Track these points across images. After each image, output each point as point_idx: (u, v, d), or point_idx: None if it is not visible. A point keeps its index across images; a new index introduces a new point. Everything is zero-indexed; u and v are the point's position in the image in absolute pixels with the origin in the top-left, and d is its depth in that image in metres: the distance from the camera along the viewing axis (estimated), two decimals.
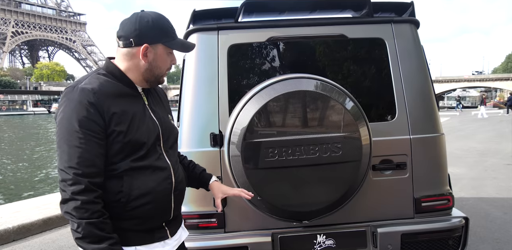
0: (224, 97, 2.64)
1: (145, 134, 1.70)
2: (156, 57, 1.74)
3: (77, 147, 1.53)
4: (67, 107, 1.58)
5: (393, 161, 2.71)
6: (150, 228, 1.72)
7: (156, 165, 1.72)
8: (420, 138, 2.73)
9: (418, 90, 2.79)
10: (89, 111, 1.56)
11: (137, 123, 1.69)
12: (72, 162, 1.52)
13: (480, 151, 10.94)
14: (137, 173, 1.66)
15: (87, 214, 1.49)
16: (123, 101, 1.68)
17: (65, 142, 1.54)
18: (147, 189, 1.66)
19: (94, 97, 1.58)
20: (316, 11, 3.04)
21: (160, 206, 1.73)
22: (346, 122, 2.37)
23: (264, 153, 2.30)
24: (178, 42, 1.77)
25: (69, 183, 1.51)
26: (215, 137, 2.59)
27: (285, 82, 2.39)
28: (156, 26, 1.70)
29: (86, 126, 1.55)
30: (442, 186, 2.78)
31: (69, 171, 1.51)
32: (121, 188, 1.62)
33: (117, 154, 1.63)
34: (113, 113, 1.61)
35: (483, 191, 6.41)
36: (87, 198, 1.50)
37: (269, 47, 2.80)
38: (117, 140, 1.62)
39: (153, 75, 1.77)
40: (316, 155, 2.33)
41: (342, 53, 2.86)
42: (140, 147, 1.68)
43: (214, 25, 2.76)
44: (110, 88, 1.66)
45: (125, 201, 1.62)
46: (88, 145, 1.54)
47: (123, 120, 1.64)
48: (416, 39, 2.87)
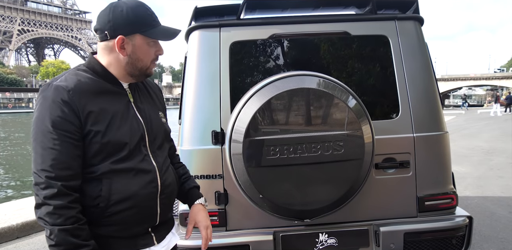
0: (226, 95, 2.63)
1: (127, 133, 1.59)
2: (135, 49, 1.62)
3: (51, 148, 1.44)
4: (41, 107, 1.49)
5: (396, 160, 2.68)
6: (133, 234, 1.60)
7: (140, 167, 1.60)
8: (423, 136, 2.70)
9: (422, 88, 2.76)
10: (63, 111, 1.47)
11: (118, 122, 1.58)
12: (45, 164, 1.43)
13: (486, 150, 10.87)
14: (118, 175, 1.55)
15: (60, 220, 1.40)
16: (102, 99, 1.58)
17: (39, 143, 1.46)
18: (128, 193, 1.55)
19: (68, 96, 1.48)
20: (319, 8, 3.01)
21: (144, 211, 1.61)
22: (348, 120, 2.35)
23: (265, 151, 2.28)
24: (159, 30, 1.63)
25: (41, 187, 1.42)
26: (217, 135, 2.57)
27: (287, 80, 2.37)
28: (132, 15, 1.58)
29: (60, 126, 1.46)
30: (446, 184, 2.75)
31: (42, 174, 1.43)
32: (99, 192, 1.51)
33: (96, 155, 1.53)
34: (89, 112, 1.51)
35: (488, 190, 6.36)
36: (60, 203, 1.41)
37: (271, 45, 2.78)
38: (94, 140, 1.52)
39: (136, 68, 1.65)
40: (318, 153, 2.31)
41: (345, 50, 2.83)
42: (121, 147, 1.56)
43: (216, 22, 2.74)
44: (88, 85, 1.56)
45: (103, 205, 1.51)
46: (63, 146, 1.45)
47: (101, 119, 1.54)
48: (420, 37, 2.83)
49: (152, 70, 1.73)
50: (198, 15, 2.83)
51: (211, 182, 2.58)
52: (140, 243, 1.63)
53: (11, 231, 4.68)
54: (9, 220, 4.82)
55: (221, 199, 2.56)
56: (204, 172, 2.58)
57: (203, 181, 2.58)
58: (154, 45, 1.67)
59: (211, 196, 2.57)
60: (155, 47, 1.67)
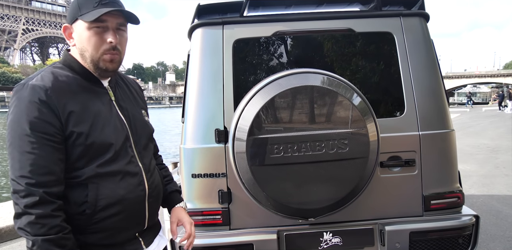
0: (229, 93, 2.60)
1: (111, 134, 1.50)
2: (78, 36, 1.48)
3: (29, 152, 1.33)
4: (16, 108, 1.38)
5: (401, 158, 2.64)
6: (120, 241, 1.52)
7: (127, 169, 1.52)
8: (429, 134, 2.66)
9: (428, 85, 2.72)
10: (42, 111, 1.36)
11: (101, 122, 1.48)
12: (24, 170, 1.32)
13: (491, 148, 10.80)
14: (104, 180, 1.46)
15: (43, 230, 1.30)
16: (83, 98, 1.48)
17: (16, 148, 1.35)
18: (116, 197, 1.46)
19: (46, 95, 1.38)
20: (323, 5, 2.97)
21: (132, 216, 1.53)
22: (353, 118, 2.31)
23: (269, 149, 2.26)
24: (94, 12, 1.44)
25: (21, 195, 1.31)
26: (220, 133, 2.55)
27: (291, 77, 2.34)
28: (78, 1, 1.47)
29: (39, 128, 1.35)
30: (452, 183, 2.71)
31: (21, 180, 1.32)
32: (85, 198, 1.42)
33: (80, 158, 1.43)
34: (70, 112, 1.41)
35: (494, 188, 6.31)
36: (43, 212, 1.31)
37: (275, 42, 2.75)
38: (77, 142, 1.42)
39: (87, 60, 1.50)
40: (323, 151, 2.28)
41: (349, 47, 2.79)
42: (106, 149, 1.47)
43: (219, 19, 2.71)
44: (66, 84, 1.45)
45: (90, 212, 1.42)
46: (42, 149, 1.35)
47: (83, 119, 1.44)
48: (426, 33, 2.79)
49: (109, 63, 1.51)
50: (201, 13, 2.80)
51: (215, 181, 2.56)
52: (128, 249, 1.55)
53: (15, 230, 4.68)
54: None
55: (224, 197, 2.54)
56: (207, 170, 2.56)
57: (207, 179, 2.56)
58: (102, 31, 1.48)
59: (214, 195, 2.55)
60: (103, 34, 1.48)
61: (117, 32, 1.51)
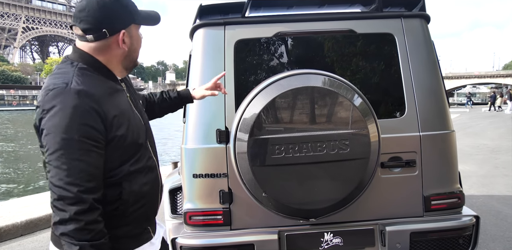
0: (230, 93, 2.61)
1: (139, 133, 1.58)
2: (133, 40, 1.58)
3: (78, 159, 1.34)
4: (61, 112, 1.35)
5: (402, 158, 2.65)
6: (140, 231, 1.63)
7: (148, 165, 1.62)
8: (430, 135, 2.67)
9: (428, 86, 2.73)
10: (90, 118, 1.38)
11: (132, 123, 1.55)
12: (73, 177, 1.33)
13: (491, 148, 10.81)
14: (134, 177, 1.54)
15: (89, 236, 1.34)
16: (115, 100, 1.51)
17: (64, 155, 1.34)
18: (142, 192, 1.57)
19: (93, 101, 1.40)
20: (324, 6, 2.98)
21: (151, 207, 1.67)
22: (354, 119, 2.32)
23: (270, 150, 2.26)
24: (145, 16, 1.61)
25: (70, 202, 1.32)
26: (221, 133, 2.56)
27: (293, 78, 2.35)
28: (122, 5, 1.52)
29: (88, 135, 1.36)
30: (452, 184, 2.72)
31: (70, 187, 1.32)
32: (119, 195, 1.49)
33: (116, 159, 1.49)
34: (113, 116, 1.45)
35: (494, 188, 6.33)
36: (91, 218, 1.34)
37: (276, 43, 2.76)
38: (118, 145, 1.47)
39: (132, 60, 1.62)
40: (324, 152, 2.29)
41: (350, 48, 2.80)
42: (138, 148, 1.56)
43: (221, 20, 2.72)
44: (102, 87, 1.48)
45: (123, 208, 1.51)
46: (90, 156, 1.37)
47: (122, 122, 1.49)
48: (427, 35, 2.80)
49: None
50: (202, 13, 2.81)
51: (216, 181, 2.57)
52: (144, 238, 1.65)
53: (15, 229, 4.70)
54: (13, 218, 4.84)
55: (225, 198, 2.55)
56: (208, 170, 2.57)
57: (208, 179, 2.57)
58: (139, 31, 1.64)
59: (215, 195, 2.56)
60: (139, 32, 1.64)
61: None
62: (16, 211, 5.19)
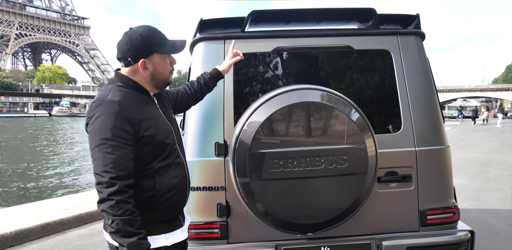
0: (229, 107, 2.63)
1: (167, 135, 1.96)
2: (155, 66, 1.95)
3: (110, 153, 1.72)
4: (100, 118, 1.77)
5: (398, 173, 2.68)
6: (172, 218, 1.99)
7: (177, 161, 1.98)
8: (425, 150, 2.71)
9: (424, 102, 2.77)
10: (120, 121, 1.76)
11: (160, 126, 1.94)
12: (107, 167, 1.70)
13: (482, 162, 10.92)
14: (165, 171, 1.91)
15: (120, 212, 1.68)
16: (144, 108, 1.91)
17: (100, 149, 1.73)
18: (172, 184, 1.92)
19: (122, 108, 1.79)
20: (322, 22, 3.03)
21: (182, 198, 2.01)
22: (352, 134, 2.35)
23: (269, 164, 2.28)
24: (169, 46, 1.96)
25: (105, 186, 1.69)
26: (220, 147, 2.57)
27: (292, 93, 2.38)
28: (145, 40, 1.90)
29: (119, 134, 1.75)
30: (447, 198, 2.75)
31: (105, 174, 1.70)
32: (154, 185, 1.86)
33: (148, 155, 1.86)
34: (141, 120, 1.83)
35: (487, 202, 6.38)
36: (121, 198, 1.69)
37: (275, 58, 2.79)
38: (147, 142, 1.84)
39: (160, 81, 2.00)
40: (322, 167, 2.31)
41: (348, 64, 2.85)
42: (166, 147, 1.93)
43: (221, 34, 2.75)
44: (132, 98, 1.88)
45: (157, 196, 1.87)
46: (121, 151, 1.74)
47: (150, 125, 1.86)
48: (422, 51, 2.86)
49: (171, 78, 2.07)
50: (203, 27, 2.84)
51: (213, 194, 2.57)
52: (176, 224, 2.00)
53: (5, 239, 4.63)
54: (2, 228, 4.77)
55: (223, 211, 2.55)
56: (206, 183, 2.57)
57: (205, 192, 2.57)
58: (168, 58, 2.01)
59: (213, 208, 2.56)
60: (169, 59, 2.02)
61: None
62: (6, 221, 5.12)
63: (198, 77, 2.55)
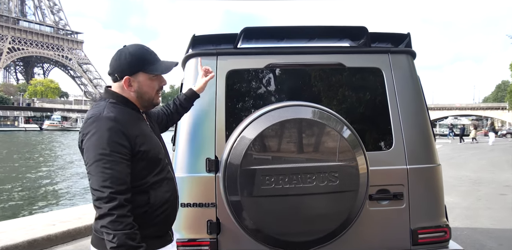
0: (221, 123, 2.62)
1: (159, 150, 1.98)
2: (140, 84, 1.96)
3: (110, 168, 1.72)
4: (96, 134, 1.77)
5: (390, 191, 2.67)
6: (164, 233, 1.98)
7: (168, 177, 1.99)
8: (417, 168, 2.71)
9: (415, 120, 2.79)
10: (117, 136, 1.77)
11: (153, 141, 1.96)
12: (106, 182, 1.70)
13: (473, 180, 10.94)
14: (158, 185, 1.91)
15: (121, 226, 1.67)
16: (138, 124, 1.93)
17: (98, 165, 1.73)
18: (165, 198, 1.93)
19: (119, 124, 1.80)
20: (314, 39, 3.06)
21: (173, 212, 2.02)
22: (343, 151, 2.35)
23: (260, 181, 2.27)
24: (158, 66, 1.96)
25: (105, 201, 1.68)
26: (211, 162, 2.55)
27: (283, 110, 2.38)
28: (134, 58, 1.92)
29: (116, 149, 1.75)
30: (439, 217, 2.74)
31: (105, 190, 1.69)
32: (148, 200, 1.86)
33: (143, 170, 1.87)
34: (136, 136, 1.84)
35: (478, 221, 6.36)
36: (121, 213, 1.68)
37: (267, 74, 2.81)
38: (142, 157, 1.85)
39: (145, 100, 2.00)
40: (313, 184, 2.30)
41: (339, 81, 2.86)
42: (158, 162, 1.95)
43: (213, 50, 2.77)
44: (126, 115, 1.90)
45: (150, 211, 1.86)
46: (119, 166, 1.74)
47: (144, 140, 1.88)
48: (413, 70, 2.89)
49: (159, 99, 2.06)
50: (195, 43, 2.85)
51: (203, 211, 2.54)
52: (167, 239, 2.01)
53: None
54: None
55: (213, 228, 2.51)
56: (196, 200, 2.54)
57: (195, 209, 2.54)
58: (157, 78, 2.00)
59: (203, 225, 2.52)
60: (158, 80, 2.01)
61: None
62: None
63: (174, 98, 2.56)
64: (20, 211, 11.26)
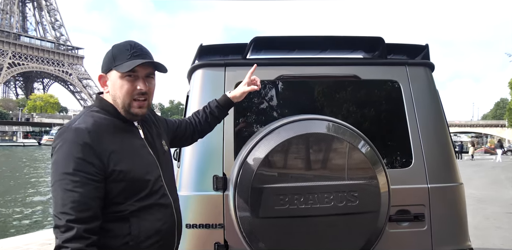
0: (229, 138, 2.46)
1: (148, 170, 1.66)
2: (111, 84, 1.66)
3: (71, 190, 1.44)
4: (61, 149, 1.50)
5: (410, 212, 2.49)
6: None
7: (161, 202, 1.67)
8: (438, 187, 2.53)
9: (435, 135, 2.62)
10: (84, 152, 1.49)
11: (138, 159, 1.63)
12: (66, 207, 1.43)
13: (478, 198, 10.72)
14: (144, 213, 1.60)
15: None
16: (120, 138, 1.63)
17: (59, 186, 1.46)
18: (154, 229, 1.62)
19: (89, 137, 1.52)
20: (326, 51, 2.92)
21: (166, 244, 1.71)
22: (362, 168, 2.17)
23: (274, 200, 2.08)
24: (129, 63, 1.61)
25: (61, 230, 1.42)
26: (219, 180, 2.37)
27: (297, 124, 2.21)
28: (113, 52, 1.66)
29: (82, 168, 1.47)
30: (462, 240, 2.54)
31: (62, 217, 1.42)
32: (128, 230, 1.56)
33: (120, 194, 1.56)
34: (111, 152, 1.54)
35: (488, 241, 6.14)
36: (78, 246, 1.40)
37: (278, 86, 2.66)
38: (118, 178, 1.55)
39: (119, 106, 1.67)
40: (331, 204, 2.11)
41: (354, 94, 2.71)
42: (145, 185, 1.62)
43: (222, 61, 2.62)
44: (105, 126, 1.61)
45: (134, 244, 1.56)
46: (84, 188, 1.46)
47: (123, 158, 1.58)
48: (432, 83, 2.74)
49: (138, 109, 1.68)
50: (202, 54, 2.71)
51: (210, 232, 2.34)
52: None
53: None
54: None
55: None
56: (202, 220, 2.35)
57: (201, 230, 2.34)
58: (133, 80, 1.65)
59: (209, 248, 2.33)
60: (134, 83, 1.65)
61: (146, 80, 1.68)
62: None
63: (205, 105, 2.26)
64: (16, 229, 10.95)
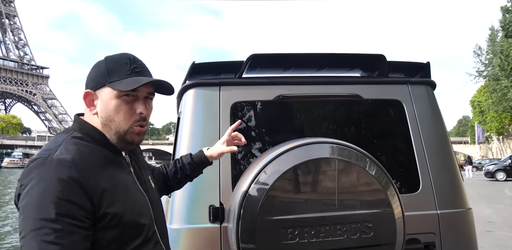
0: (226, 163, 2.24)
1: (142, 212, 1.33)
2: (103, 104, 1.33)
3: (53, 243, 1.09)
4: (37, 187, 1.13)
5: (420, 241, 2.31)
6: None
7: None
8: (448, 213, 2.37)
9: (441, 157, 2.49)
10: (71, 192, 1.15)
11: (131, 199, 1.30)
12: None
13: None
14: None
15: None
16: (110, 172, 1.30)
17: (35, 237, 1.09)
18: None
19: (77, 172, 1.18)
20: (323, 69, 2.77)
21: None
22: (375, 194, 1.99)
23: (282, 234, 1.86)
24: (130, 80, 1.31)
25: None
26: (216, 210, 2.14)
27: (307, 148, 2.01)
28: (106, 66, 1.34)
29: (67, 212, 1.13)
30: None
31: None
32: None
33: (112, 242, 1.23)
34: (103, 190, 1.22)
35: None
36: None
37: (277, 106, 2.47)
38: (111, 224, 1.22)
39: (111, 131, 1.34)
40: (344, 237, 1.91)
41: (356, 115, 2.56)
42: (140, 230, 1.30)
43: (216, 80, 2.42)
44: (94, 157, 1.27)
45: None
46: (70, 239, 1.11)
47: (116, 198, 1.25)
48: (434, 102, 2.63)
49: (137, 136, 1.38)
50: (194, 72, 2.50)
51: None
52: None
53: None
54: None
55: None
56: None
57: None
58: (132, 101, 1.34)
59: None
60: (134, 104, 1.35)
61: (146, 101, 1.38)
62: None
63: (177, 159, 1.91)
64: None
